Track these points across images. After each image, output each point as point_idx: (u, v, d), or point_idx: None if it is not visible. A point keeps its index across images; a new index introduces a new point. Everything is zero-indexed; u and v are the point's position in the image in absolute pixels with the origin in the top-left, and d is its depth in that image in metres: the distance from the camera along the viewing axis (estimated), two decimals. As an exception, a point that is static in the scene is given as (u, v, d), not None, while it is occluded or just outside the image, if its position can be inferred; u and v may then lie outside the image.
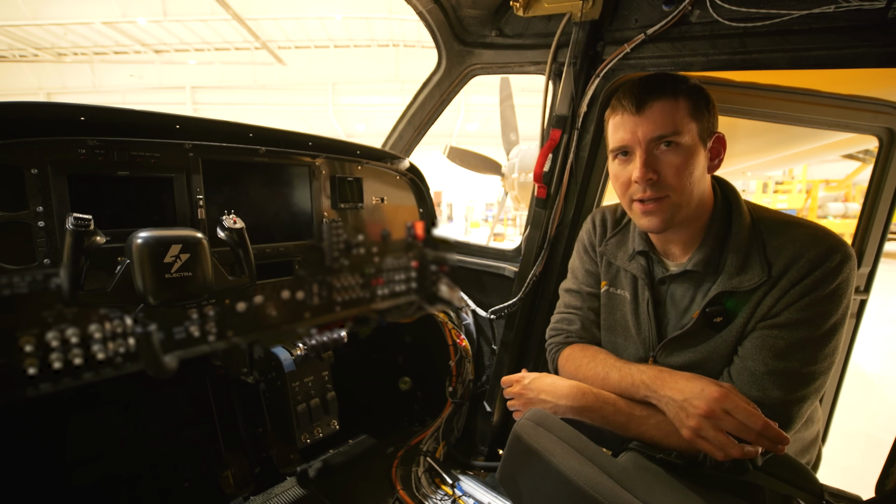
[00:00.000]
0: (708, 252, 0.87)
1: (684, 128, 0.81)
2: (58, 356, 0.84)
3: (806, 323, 0.78)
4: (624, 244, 1.04)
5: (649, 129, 0.82)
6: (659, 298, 0.97)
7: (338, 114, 15.16)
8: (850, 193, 12.38)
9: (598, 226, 1.12)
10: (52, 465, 1.23)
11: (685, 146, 0.81)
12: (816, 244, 0.78)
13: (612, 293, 1.06)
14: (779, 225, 0.85)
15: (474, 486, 1.47)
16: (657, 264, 0.97)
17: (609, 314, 1.07)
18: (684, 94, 0.82)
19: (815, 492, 0.81)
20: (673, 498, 0.76)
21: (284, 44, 12.36)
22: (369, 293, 1.44)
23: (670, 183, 0.82)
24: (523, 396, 1.01)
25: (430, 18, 1.48)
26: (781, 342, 0.79)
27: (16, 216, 0.82)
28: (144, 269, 0.82)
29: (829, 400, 1.68)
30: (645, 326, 0.97)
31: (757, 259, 0.82)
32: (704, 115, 0.83)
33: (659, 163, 0.82)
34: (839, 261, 0.77)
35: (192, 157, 1.03)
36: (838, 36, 0.93)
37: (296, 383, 1.27)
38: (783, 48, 1.00)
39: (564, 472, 0.75)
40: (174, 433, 1.47)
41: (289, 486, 1.48)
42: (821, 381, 0.79)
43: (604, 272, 1.09)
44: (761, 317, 0.81)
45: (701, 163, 0.83)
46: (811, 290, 0.77)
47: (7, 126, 0.82)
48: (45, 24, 10.51)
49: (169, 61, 13.04)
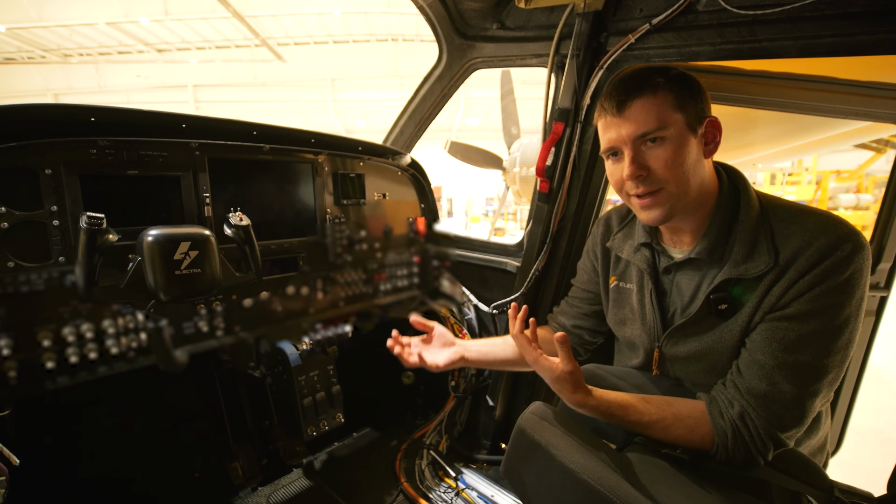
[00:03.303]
0: (713, 239, 0.86)
1: (668, 120, 0.80)
2: (74, 350, 0.86)
3: (817, 314, 0.76)
4: (630, 237, 1.04)
5: (632, 128, 0.82)
6: (664, 288, 0.96)
7: (337, 110, 15.13)
8: (862, 184, 12.13)
9: (602, 227, 1.15)
10: (67, 457, 1.27)
11: (671, 138, 0.81)
12: (826, 233, 0.76)
13: (622, 287, 1.06)
14: (789, 213, 0.83)
15: (477, 479, 1.49)
16: (661, 255, 0.97)
17: (618, 308, 1.07)
18: (664, 87, 0.81)
19: (825, 488, 0.80)
20: (679, 493, 0.75)
21: (284, 40, 12.34)
22: (372, 288, 1.45)
23: (662, 176, 0.82)
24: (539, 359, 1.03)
25: (430, 12, 1.47)
26: (792, 334, 0.77)
27: (32, 216, 0.85)
28: (155, 266, 0.84)
29: (847, 400, 1.62)
30: (649, 316, 0.97)
31: (764, 246, 0.80)
32: (690, 103, 0.82)
33: (647, 158, 0.82)
34: (850, 250, 0.75)
35: (198, 155, 1.05)
36: (853, 22, 0.90)
37: (302, 377, 1.29)
38: (794, 35, 0.97)
39: (569, 466, 0.75)
40: (184, 425, 1.50)
41: (295, 477, 1.51)
42: (834, 374, 0.78)
43: (613, 267, 1.09)
44: (769, 307, 0.79)
45: (693, 150, 0.82)
46: (821, 281, 0.75)
47: (22, 128, 0.84)
48: (52, 25, 10.59)
49: (171, 60, 13.09)
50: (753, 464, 0.79)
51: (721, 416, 0.80)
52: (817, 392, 0.77)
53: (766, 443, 0.78)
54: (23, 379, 0.82)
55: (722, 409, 0.81)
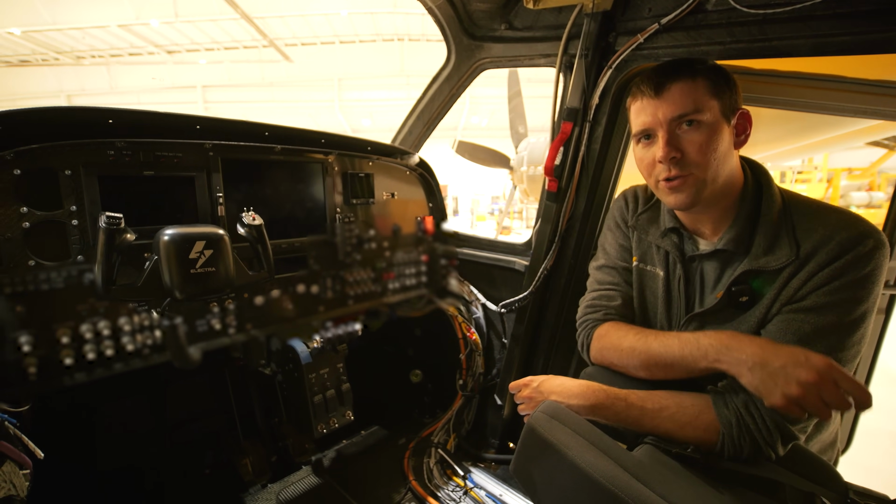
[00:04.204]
0: (739, 231, 0.87)
1: (705, 105, 0.81)
2: (91, 347, 0.88)
3: (834, 308, 0.76)
4: (655, 221, 1.04)
5: (670, 109, 0.83)
6: (689, 276, 0.97)
7: (344, 109, 15.21)
8: (874, 182, 11.91)
9: (630, 202, 1.11)
10: (81, 451, 1.29)
11: (707, 123, 0.81)
12: (848, 228, 0.77)
13: (643, 269, 1.05)
14: (811, 208, 0.84)
15: (485, 478, 1.49)
16: (688, 241, 0.97)
17: (639, 291, 1.07)
18: (702, 74, 0.83)
19: (840, 490, 0.79)
20: (690, 492, 0.75)
21: (291, 41, 12.42)
22: (381, 287, 1.46)
23: (694, 160, 0.82)
24: (534, 399, 1.01)
25: (439, 13, 1.47)
26: (807, 326, 0.77)
27: (52, 215, 0.87)
28: (171, 265, 0.86)
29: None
30: (675, 303, 0.98)
31: (786, 239, 0.81)
32: (726, 92, 0.83)
33: (682, 141, 0.83)
34: (872, 246, 0.75)
35: (212, 156, 1.06)
36: (865, 20, 0.90)
37: (312, 375, 1.31)
38: (805, 34, 0.96)
39: (580, 465, 0.75)
40: (195, 422, 1.53)
41: (304, 474, 1.53)
42: (846, 368, 0.77)
43: (635, 247, 1.08)
44: (787, 299, 0.80)
45: (725, 139, 0.83)
46: (841, 274, 0.75)
47: (43, 130, 0.86)
48: (65, 28, 10.78)
49: (181, 61, 13.25)
50: (763, 457, 0.79)
51: (725, 405, 0.81)
52: None
53: (772, 433, 0.77)
54: (42, 375, 0.84)
55: (727, 399, 0.81)
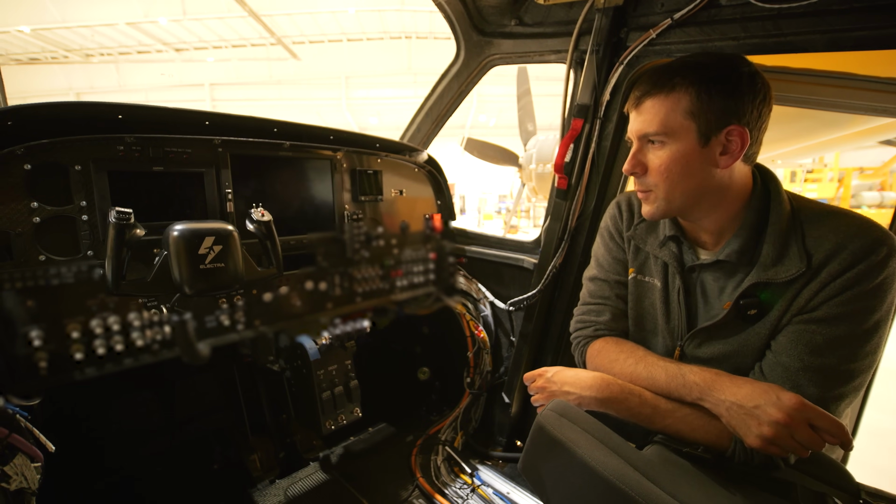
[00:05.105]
0: (743, 242, 0.84)
1: (674, 127, 0.79)
2: (101, 342, 0.89)
3: (847, 318, 0.74)
4: (654, 230, 1.01)
5: (640, 125, 0.85)
6: (689, 287, 0.94)
7: (351, 107, 15.23)
8: (886, 181, 11.69)
9: (624, 211, 1.08)
10: (90, 446, 1.31)
11: (671, 145, 0.81)
12: (861, 235, 0.74)
13: (641, 280, 1.03)
14: (820, 215, 0.80)
15: (493, 476, 1.49)
16: (688, 251, 0.95)
17: (636, 302, 1.04)
18: (687, 86, 0.77)
19: (852, 490, 0.77)
20: (700, 492, 0.74)
21: (299, 39, 12.46)
22: (389, 284, 1.46)
23: (651, 179, 0.85)
24: (546, 390, 1.00)
25: (448, 10, 1.47)
26: (819, 337, 0.76)
27: (62, 211, 0.87)
28: (181, 260, 0.86)
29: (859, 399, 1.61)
30: (675, 315, 0.95)
31: (795, 250, 0.78)
32: (715, 106, 0.76)
33: (646, 157, 0.85)
34: (885, 254, 0.73)
35: (220, 152, 1.07)
36: (882, 15, 0.88)
37: (321, 371, 1.31)
38: (821, 29, 0.94)
39: (590, 463, 0.75)
40: (204, 417, 1.54)
41: (312, 470, 1.54)
42: (860, 379, 0.76)
43: (631, 258, 1.05)
44: (797, 310, 0.78)
45: (694, 161, 0.80)
46: (854, 284, 0.73)
47: (53, 126, 0.87)
48: (74, 26, 10.90)
49: (189, 59, 13.34)
50: (773, 465, 0.78)
51: None
52: (842, 396, 0.76)
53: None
54: (52, 369, 0.85)
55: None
